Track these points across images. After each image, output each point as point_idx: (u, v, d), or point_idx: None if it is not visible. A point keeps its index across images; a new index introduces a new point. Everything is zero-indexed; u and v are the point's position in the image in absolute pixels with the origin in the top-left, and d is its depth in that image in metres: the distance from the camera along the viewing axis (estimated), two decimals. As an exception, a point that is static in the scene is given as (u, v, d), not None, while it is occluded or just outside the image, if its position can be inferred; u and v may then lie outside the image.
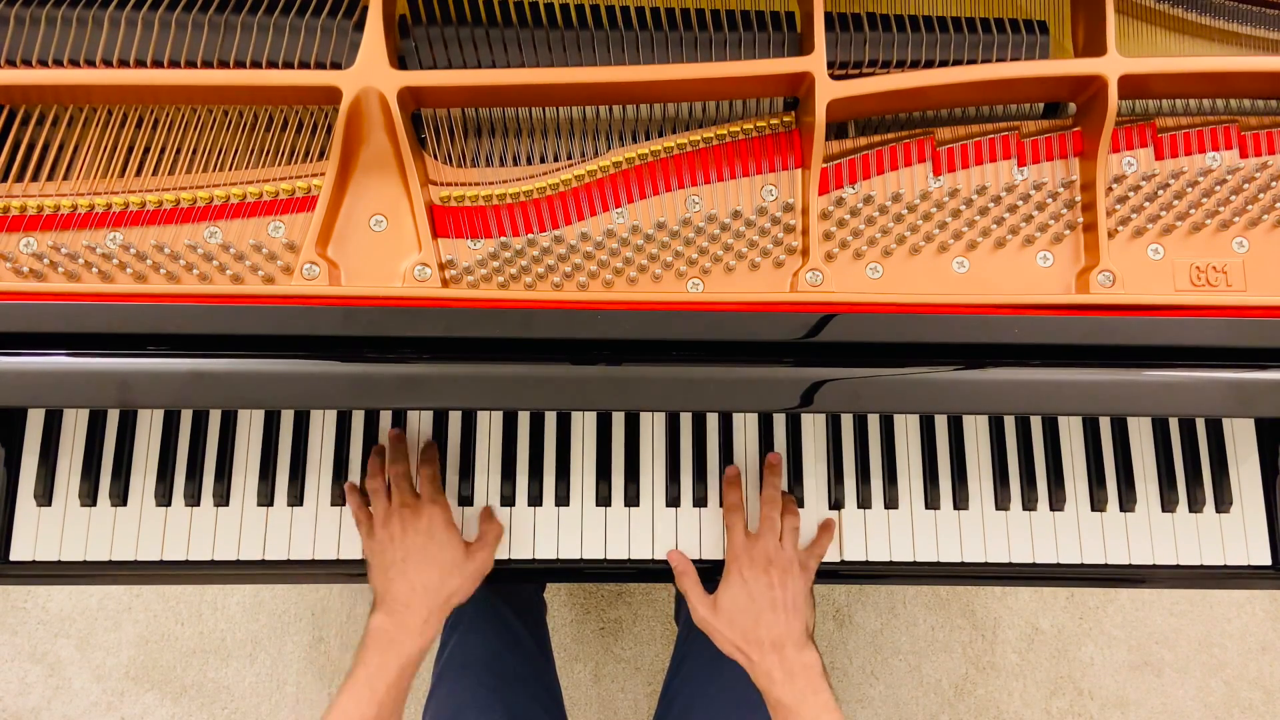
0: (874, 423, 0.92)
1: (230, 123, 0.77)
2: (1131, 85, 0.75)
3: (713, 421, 0.93)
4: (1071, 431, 0.92)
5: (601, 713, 1.60)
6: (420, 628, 0.78)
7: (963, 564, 0.90)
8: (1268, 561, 0.90)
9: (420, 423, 0.91)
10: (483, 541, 0.85)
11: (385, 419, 0.91)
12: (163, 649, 1.59)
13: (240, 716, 1.57)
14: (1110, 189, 0.78)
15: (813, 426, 0.92)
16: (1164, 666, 1.62)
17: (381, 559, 0.81)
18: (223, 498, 0.88)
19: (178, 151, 0.76)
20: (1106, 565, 0.90)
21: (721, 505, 0.89)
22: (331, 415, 0.91)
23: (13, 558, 0.87)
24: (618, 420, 0.92)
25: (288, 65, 0.75)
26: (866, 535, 0.90)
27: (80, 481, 0.87)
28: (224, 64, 0.75)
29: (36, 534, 0.87)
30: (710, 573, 0.87)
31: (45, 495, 0.87)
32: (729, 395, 0.72)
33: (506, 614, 1.07)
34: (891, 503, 0.90)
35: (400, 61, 0.76)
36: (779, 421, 0.92)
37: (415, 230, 0.75)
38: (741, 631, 0.81)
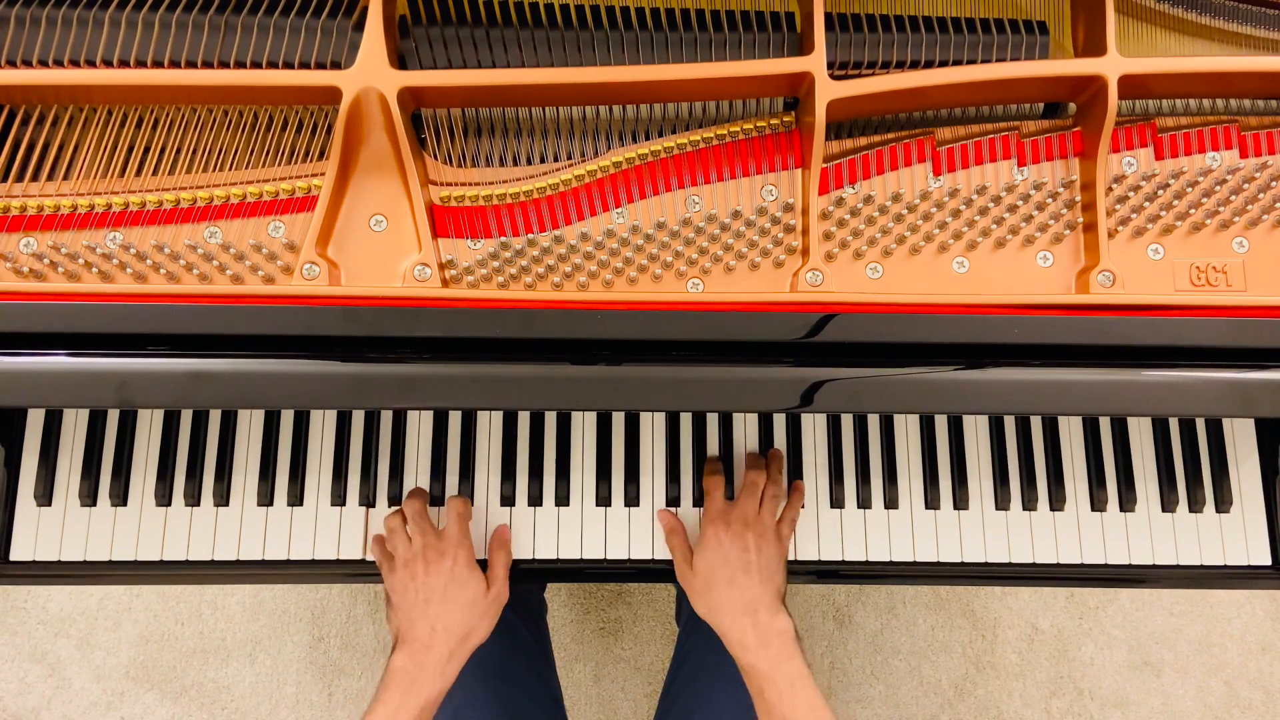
0: (874, 423, 0.92)
1: (230, 123, 0.77)
2: (1131, 85, 0.75)
3: (713, 422, 0.93)
4: (1071, 431, 0.92)
5: (601, 713, 1.59)
6: (441, 668, 0.79)
7: (963, 564, 0.90)
8: (1268, 561, 0.90)
9: (420, 423, 0.91)
10: (495, 575, 0.86)
11: (385, 419, 0.91)
12: (163, 649, 1.59)
13: (240, 716, 1.57)
14: (1110, 189, 0.78)
15: (813, 426, 0.92)
16: (1164, 666, 1.62)
17: (403, 599, 0.81)
18: (223, 498, 0.88)
19: (178, 151, 0.76)
20: (1106, 565, 0.90)
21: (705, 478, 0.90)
22: (331, 415, 0.91)
23: (13, 558, 0.87)
24: (618, 420, 0.92)
25: (288, 65, 0.75)
26: (866, 535, 0.90)
27: (80, 481, 0.87)
28: (224, 64, 0.75)
29: (36, 534, 0.87)
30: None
31: (45, 495, 0.87)
32: (729, 395, 0.72)
33: (507, 614, 1.06)
34: (891, 503, 0.90)
35: (400, 61, 0.76)
36: (779, 421, 0.92)
37: (415, 230, 0.75)
38: (714, 594, 0.81)
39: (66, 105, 0.76)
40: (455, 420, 0.91)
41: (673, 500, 0.90)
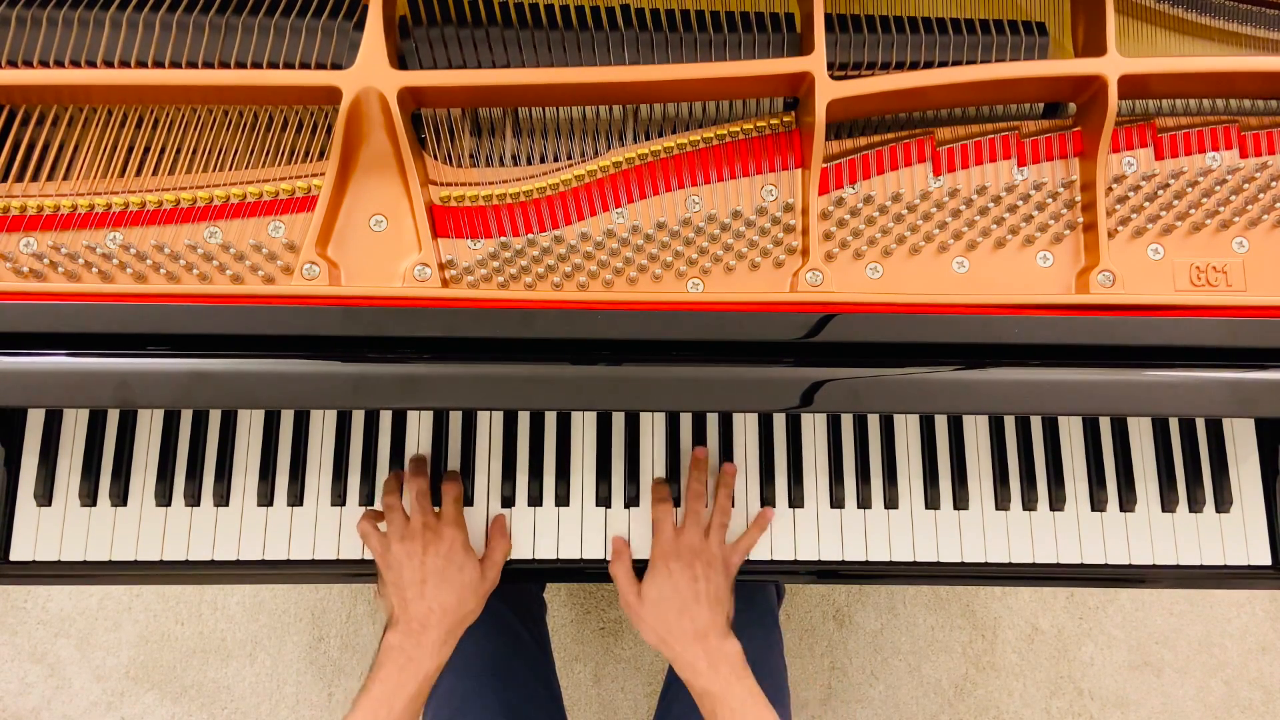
0: (874, 423, 0.92)
1: (230, 123, 0.77)
2: (1131, 85, 0.75)
3: (713, 421, 0.93)
4: (1071, 431, 0.92)
5: (601, 713, 1.59)
6: (437, 648, 0.79)
7: (963, 564, 0.90)
8: (1268, 561, 0.90)
9: (420, 423, 0.91)
10: (491, 560, 0.86)
11: (385, 419, 0.91)
12: (163, 649, 1.59)
13: (240, 716, 1.57)
14: (1110, 189, 0.78)
15: (813, 426, 0.92)
16: (1164, 666, 1.62)
17: (399, 577, 0.81)
18: (223, 498, 0.88)
19: (178, 151, 0.76)
20: (1106, 565, 0.90)
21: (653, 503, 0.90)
22: (331, 415, 0.91)
23: (13, 558, 0.87)
24: (618, 420, 0.92)
25: (288, 65, 0.75)
26: (866, 535, 0.90)
27: (80, 481, 0.87)
28: (224, 64, 0.75)
29: (36, 534, 0.87)
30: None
31: (45, 495, 0.87)
32: (729, 395, 0.72)
33: (506, 614, 1.07)
34: (891, 503, 0.90)
35: (400, 61, 0.76)
36: (779, 421, 0.92)
37: (415, 230, 0.75)
38: (665, 623, 0.82)
39: (66, 105, 0.76)
40: (455, 420, 0.91)
41: (674, 499, 0.90)
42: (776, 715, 0.78)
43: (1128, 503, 0.90)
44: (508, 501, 0.90)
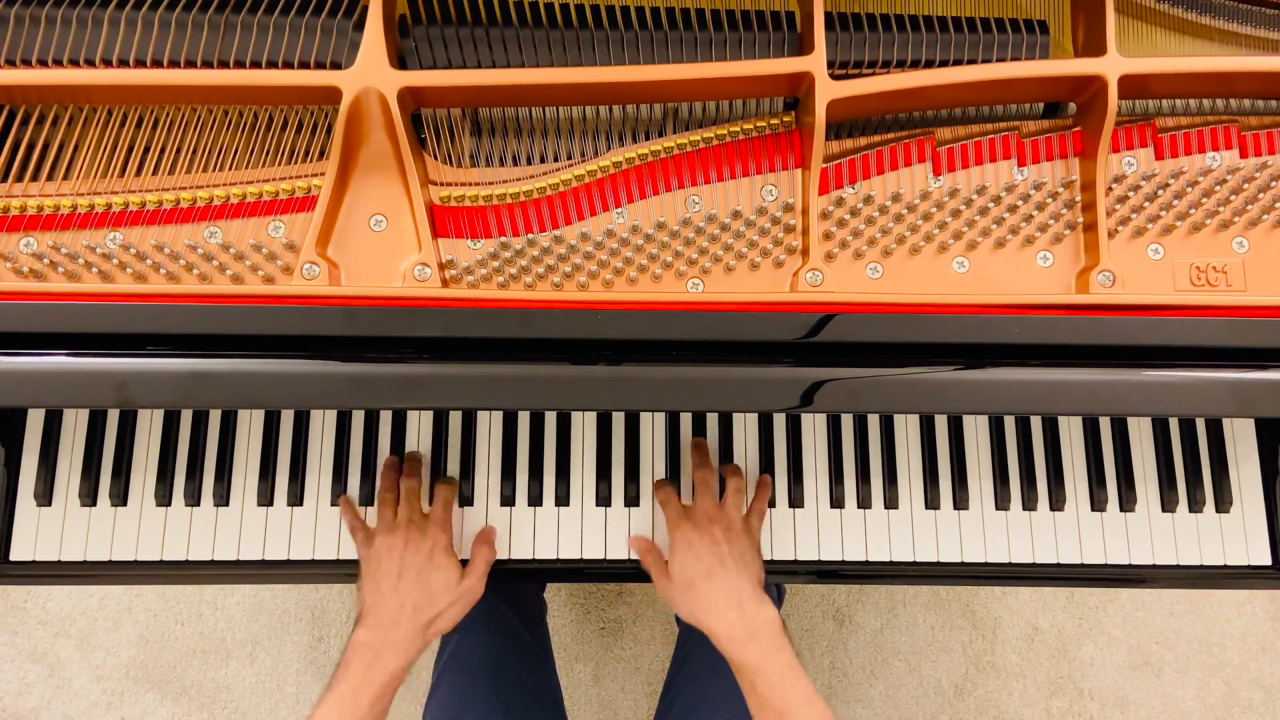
0: (874, 423, 0.92)
1: (230, 123, 0.77)
2: (1131, 85, 0.75)
3: (713, 421, 0.93)
4: (1071, 431, 0.92)
5: (601, 713, 1.59)
6: (406, 644, 0.78)
7: (963, 564, 0.90)
8: (1268, 561, 0.90)
9: (420, 422, 0.91)
10: (473, 568, 0.85)
11: (385, 419, 0.91)
12: (163, 649, 1.59)
13: (240, 716, 1.57)
14: (1110, 189, 0.78)
15: (813, 426, 0.92)
16: (1164, 666, 1.62)
17: (376, 570, 0.81)
18: (222, 498, 0.88)
19: (178, 151, 0.76)
20: (1106, 565, 0.90)
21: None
22: (331, 415, 0.91)
23: (13, 558, 0.87)
24: (618, 420, 0.92)
25: (288, 65, 0.75)
26: (866, 535, 0.90)
27: (80, 481, 0.87)
28: (224, 64, 0.75)
29: (36, 534, 0.87)
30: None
31: (45, 495, 0.87)
32: (729, 395, 0.72)
33: (506, 614, 1.07)
34: (891, 503, 0.90)
35: (400, 61, 0.76)
36: (779, 421, 0.92)
37: (415, 230, 0.75)
38: (694, 592, 0.80)
39: (66, 105, 0.76)
40: (455, 420, 0.91)
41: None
42: (814, 688, 0.75)
43: (1128, 503, 0.90)
44: (507, 501, 0.90)
